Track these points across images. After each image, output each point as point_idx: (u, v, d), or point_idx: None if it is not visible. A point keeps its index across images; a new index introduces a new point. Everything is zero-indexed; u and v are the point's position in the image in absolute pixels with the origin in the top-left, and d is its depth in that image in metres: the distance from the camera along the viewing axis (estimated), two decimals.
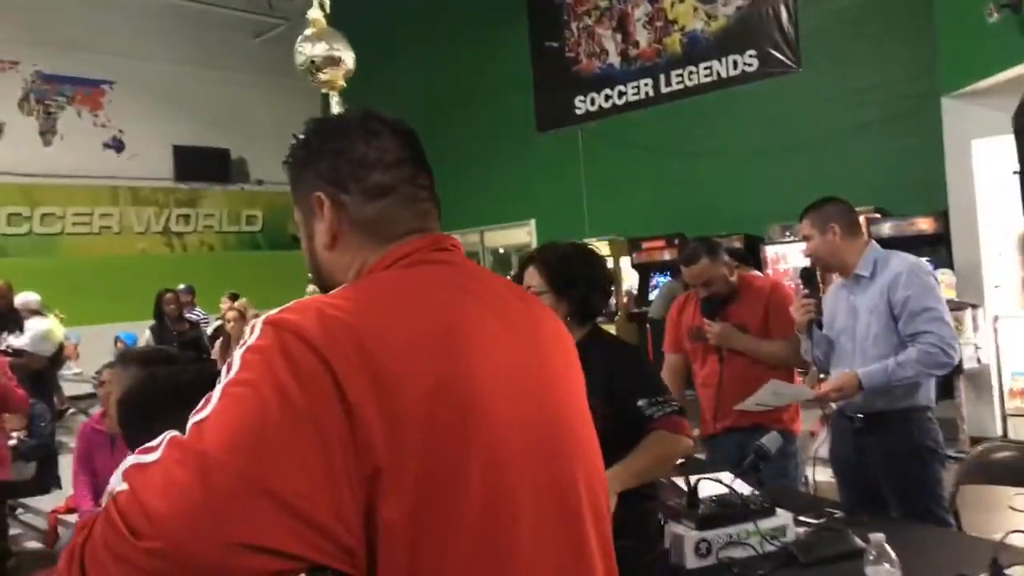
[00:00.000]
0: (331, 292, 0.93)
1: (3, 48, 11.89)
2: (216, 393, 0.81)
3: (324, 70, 1.55)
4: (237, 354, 0.84)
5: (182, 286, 7.95)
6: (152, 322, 7.36)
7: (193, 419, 0.80)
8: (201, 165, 13.79)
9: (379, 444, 0.80)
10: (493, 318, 0.98)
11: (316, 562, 0.77)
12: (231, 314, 6.98)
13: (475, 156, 12.70)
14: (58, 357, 7.00)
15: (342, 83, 1.53)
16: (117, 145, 13.11)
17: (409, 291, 0.95)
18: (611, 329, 11.08)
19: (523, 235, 12.61)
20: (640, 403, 2.14)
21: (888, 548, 1.59)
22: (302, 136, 1.07)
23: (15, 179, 11.81)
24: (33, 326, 6.58)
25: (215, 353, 5.67)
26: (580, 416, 1.05)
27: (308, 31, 1.54)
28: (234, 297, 8.95)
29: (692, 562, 2.06)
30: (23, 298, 6.90)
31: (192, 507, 0.73)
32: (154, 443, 0.80)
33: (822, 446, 3.26)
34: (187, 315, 7.83)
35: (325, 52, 1.53)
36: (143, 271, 11.73)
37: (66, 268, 11.66)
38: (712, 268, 3.09)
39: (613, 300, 11.40)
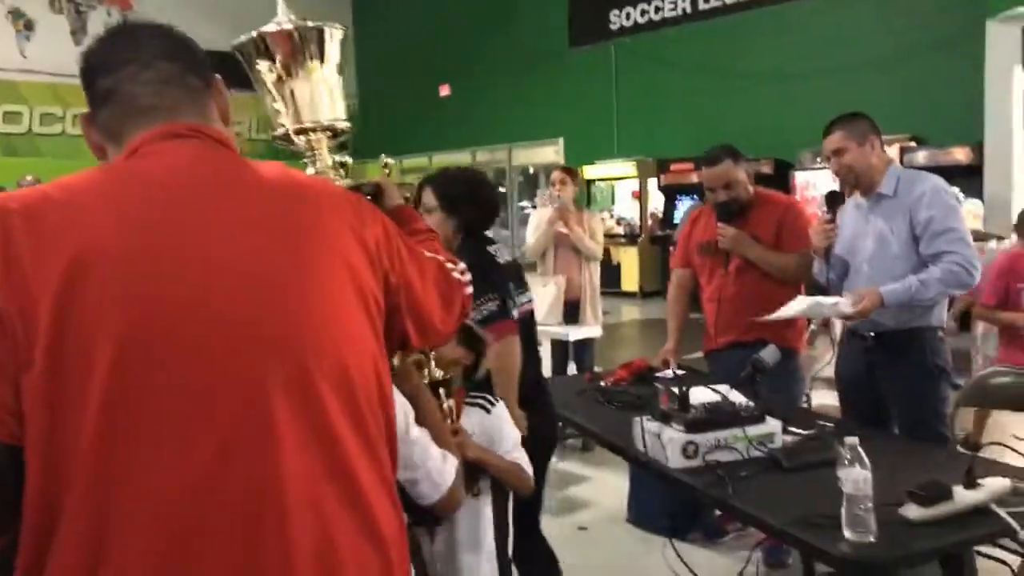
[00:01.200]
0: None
1: None
2: None
3: None
4: None
5: None
6: None
7: None
8: (227, 70, 13.62)
9: (16, 328, 0.85)
10: (192, 206, 0.96)
11: None
12: None
13: (506, 73, 12.50)
14: None
15: None
16: None
17: (90, 183, 0.96)
18: (633, 252, 11.09)
19: (551, 154, 12.50)
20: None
21: (861, 452, 1.63)
22: None
23: (47, 78, 11.86)
24: None
25: None
26: (315, 309, 0.98)
27: None
28: None
29: (677, 462, 2.13)
30: None
31: None
32: None
33: (825, 367, 3.29)
34: None
35: None
36: None
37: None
38: (734, 171, 3.07)
39: (638, 222, 11.36)
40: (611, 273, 11.58)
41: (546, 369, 4.92)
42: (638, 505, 3.57)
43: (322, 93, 1.52)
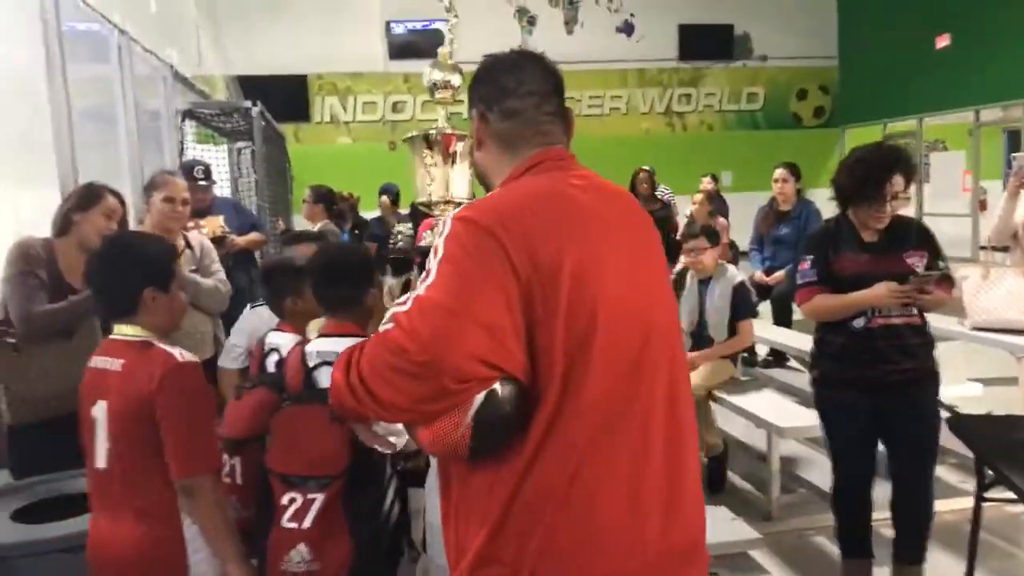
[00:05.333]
0: (490, 194, 1.34)
1: None
2: (432, 268, 1.20)
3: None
4: (439, 242, 1.22)
5: (646, 167, 8.06)
6: None
7: (421, 285, 1.20)
8: (704, 43, 13.76)
9: (536, 298, 1.18)
10: (603, 213, 1.32)
11: (507, 373, 1.17)
12: (698, 196, 6.97)
13: (1021, 13, 10.22)
14: None
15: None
16: (628, 29, 13.76)
17: (545, 190, 1.31)
18: None
19: None
20: (941, 264, 2.74)
21: None
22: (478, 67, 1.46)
23: None
24: None
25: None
26: (659, 298, 1.37)
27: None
28: (714, 179, 8.88)
29: None
30: None
31: (441, 333, 1.14)
32: (402, 299, 1.22)
33: None
34: (657, 194, 8.02)
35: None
36: (646, 150, 12.30)
37: (582, 147, 12.35)
38: None
39: None
40: None
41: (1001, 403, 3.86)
42: None
43: (458, 177, 2.30)
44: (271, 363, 2.55)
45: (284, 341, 2.54)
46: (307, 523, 1.89)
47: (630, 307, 1.26)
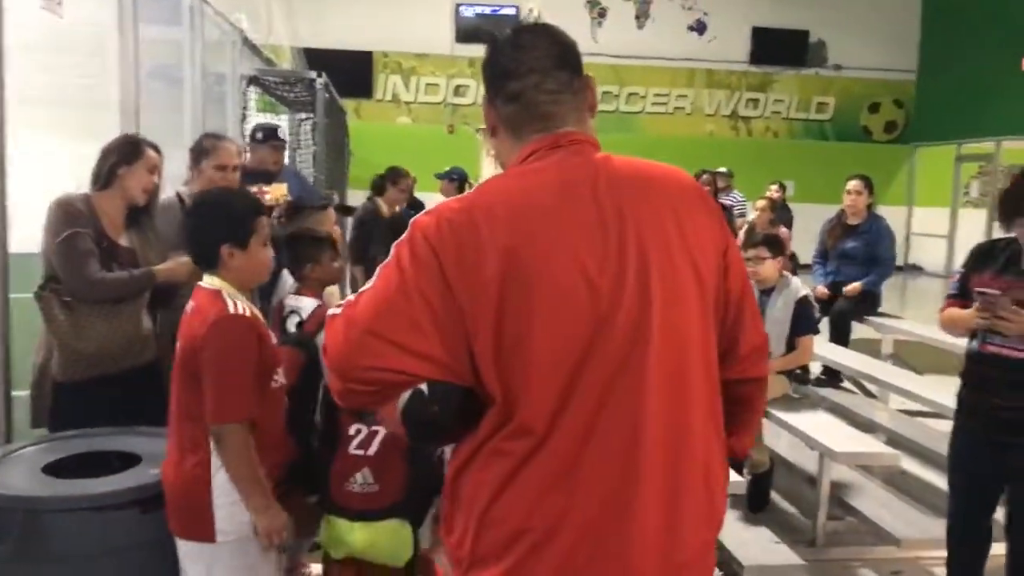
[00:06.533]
0: (458, 196, 1.31)
1: None
2: (378, 271, 1.24)
3: None
4: (395, 245, 1.25)
5: (722, 169, 7.89)
6: None
7: (367, 283, 1.26)
8: (777, 47, 13.42)
9: (467, 308, 1.19)
10: (583, 205, 1.24)
11: (431, 376, 1.20)
12: (760, 203, 6.77)
13: None
14: None
15: None
16: (700, 27, 13.48)
17: (510, 189, 1.27)
18: None
19: None
20: None
21: None
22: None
23: (609, 60, 13.05)
24: None
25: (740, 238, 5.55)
26: (664, 286, 1.24)
27: None
28: (782, 187, 8.62)
29: None
30: None
31: (340, 347, 1.22)
32: (344, 300, 1.28)
33: None
34: (722, 198, 7.84)
35: None
36: (708, 152, 12.04)
37: (643, 145, 12.60)
38: None
39: None
40: None
41: None
42: None
43: None
44: (291, 324, 2.81)
45: (304, 305, 2.85)
46: (372, 450, 2.19)
47: (594, 315, 1.20)
